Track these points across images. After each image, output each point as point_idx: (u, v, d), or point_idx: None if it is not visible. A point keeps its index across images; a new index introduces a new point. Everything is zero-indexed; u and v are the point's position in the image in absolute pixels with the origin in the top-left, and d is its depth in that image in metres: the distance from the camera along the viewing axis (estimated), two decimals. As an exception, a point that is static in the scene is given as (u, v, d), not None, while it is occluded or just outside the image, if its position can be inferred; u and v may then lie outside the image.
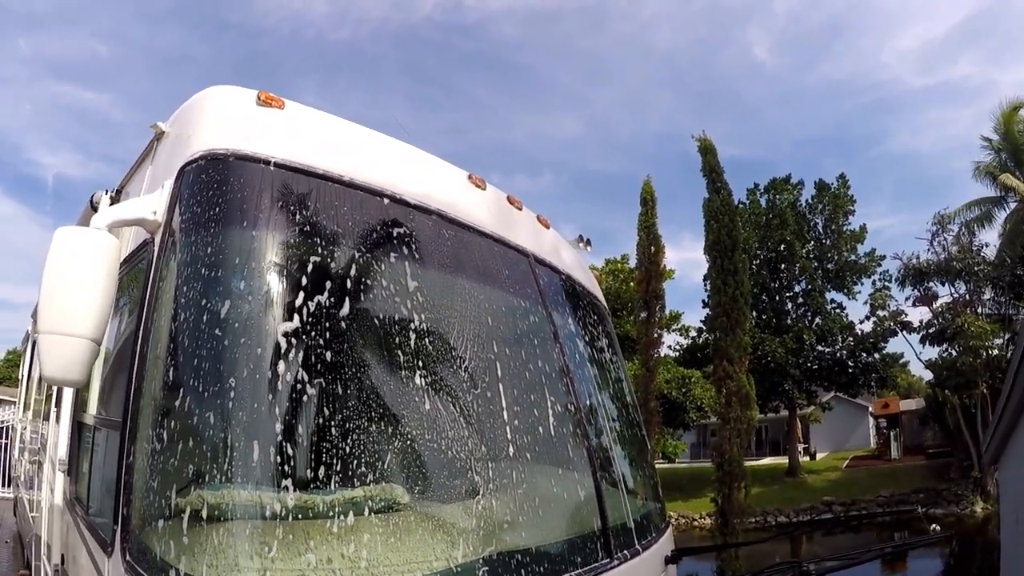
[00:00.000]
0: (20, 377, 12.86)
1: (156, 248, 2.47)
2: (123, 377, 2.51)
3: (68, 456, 3.67)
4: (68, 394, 3.86)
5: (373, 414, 2.41)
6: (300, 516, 2.06)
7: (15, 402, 18.23)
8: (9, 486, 17.87)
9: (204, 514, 1.98)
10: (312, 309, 2.32)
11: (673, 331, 46.84)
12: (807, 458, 45.26)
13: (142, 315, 2.41)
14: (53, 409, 4.96)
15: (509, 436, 2.86)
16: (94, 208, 3.34)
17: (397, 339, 2.59)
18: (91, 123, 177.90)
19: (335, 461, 2.22)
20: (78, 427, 3.66)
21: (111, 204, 3.24)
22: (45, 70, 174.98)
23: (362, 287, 2.54)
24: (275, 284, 2.31)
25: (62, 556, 3.48)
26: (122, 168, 3.41)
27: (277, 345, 2.19)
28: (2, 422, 20.14)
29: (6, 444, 19.14)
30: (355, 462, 2.26)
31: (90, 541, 2.74)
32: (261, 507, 2.01)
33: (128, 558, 2.08)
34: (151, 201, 2.54)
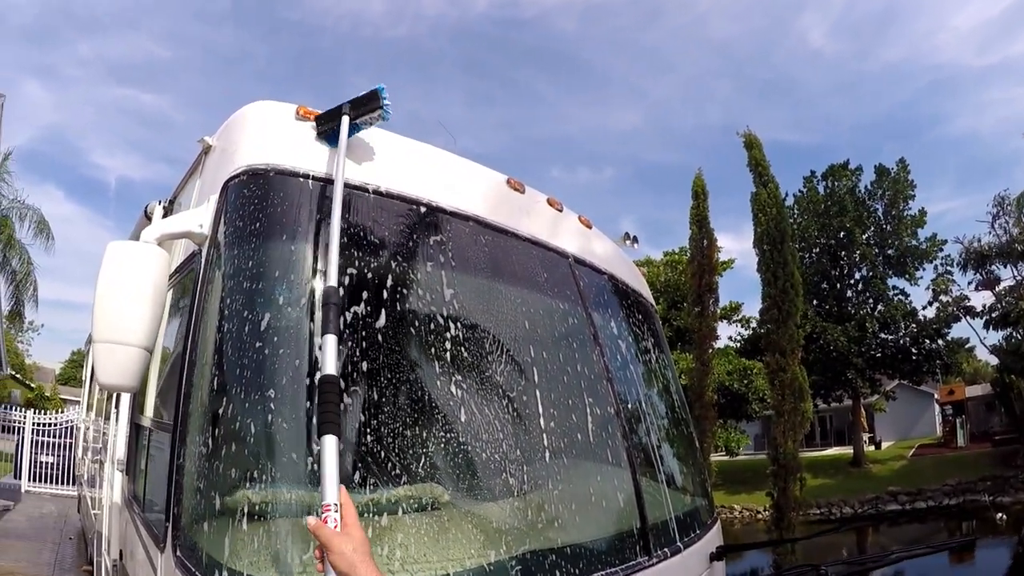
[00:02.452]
0: (83, 378, 13.18)
1: (203, 260, 2.57)
2: (174, 382, 2.60)
3: (126, 456, 3.80)
4: (125, 397, 3.99)
5: (415, 417, 2.49)
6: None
7: (79, 402, 18.71)
8: (73, 484, 18.40)
9: (249, 513, 2.07)
10: (352, 317, 2.39)
11: (734, 322, 46.35)
12: (872, 448, 44.41)
13: (190, 323, 2.50)
14: (113, 411, 5.13)
15: (548, 437, 2.89)
16: (148, 218, 3.44)
17: (437, 345, 2.65)
18: (152, 125, 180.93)
19: (377, 462, 2.29)
20: (135, 428, 3.78)
21: (164, 214, 3.37)
22: (106, 73, 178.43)
23: (401, 294, 2.60)
24: (316, 294, 2.37)
25: (120, 552, 3.60)
26: (183, 170, 3.56)
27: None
28: (67, 422, 20.78)
29: (70, 443, 19.72)
30: (397, 463, 2.33)
31: (145, 537, 2.84)
32: (304, 507, 2.08)
33: (179, 554, 2.16)
34: (198, 215, 2.64)
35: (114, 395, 5.16)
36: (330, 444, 1.78)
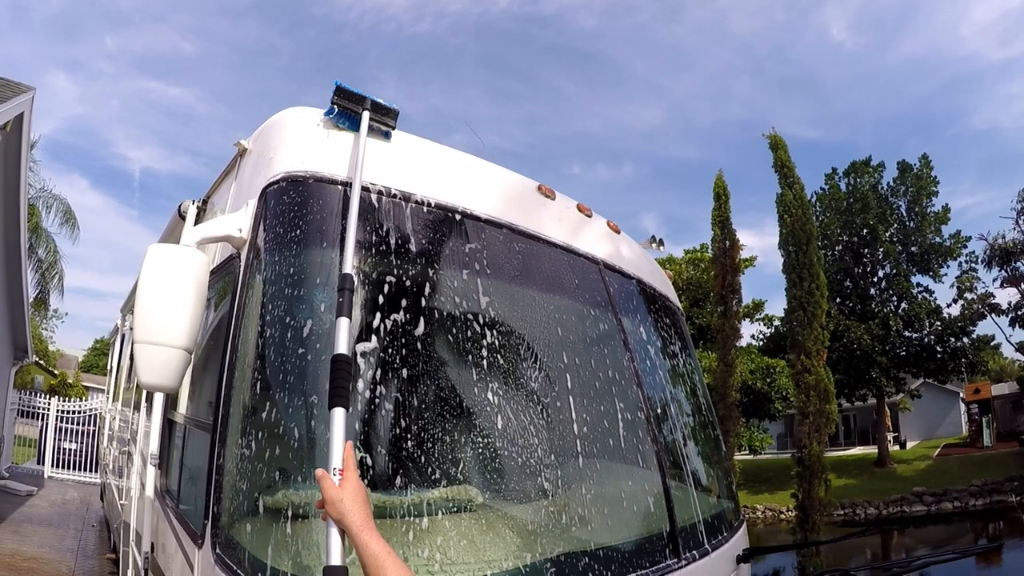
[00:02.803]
0: (109, 368, 13.26)
1: (242, 263, 2.62)
2: (211, 382, 2.66)
3: (159, 451, 3.83)
4: (159, 393, 4.03)
5: (449, 420, 2.53)
6: (381, 516, 2.16)
7: (102, 390, 18.88)
8: (96, 471, 18.72)
9: (288, 513, 2.11)
10: (389, 322, 2.44)
11: (757, 320, 46.11)
12: (897, 447, 43.98)
13: (230, 325, 2.55)
14: (143, 404, 5.20)
15: (579, 440, 2.94)
16: (181, 216, 3.56)
17: (471, 350, 2.69)
18: (176, 117, 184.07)
19: (414, 464, 2.34)
20: (168, 424, 3.83)
21: (197, 213, 3.47)
22: (132, 66, 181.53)
23: (436, 301, 2.65)
24: (359, 300, 2.41)
25: (152, 544, 3.64)
26: (206, 162, 3.65)
27: (356, 356, 2.31)
28: (91, 410, 21.10)
29: (93, 431, 20.12)
30: (433, 465, 2.38)
31: (180, 532, 2.88)
32: None
33: (217, 550, 2.21)
34: (236, 219, 2.68)
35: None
36: (338, 416, 1.85)
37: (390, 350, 2.42)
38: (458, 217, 2.90)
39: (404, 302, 2.51)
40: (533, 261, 3.22)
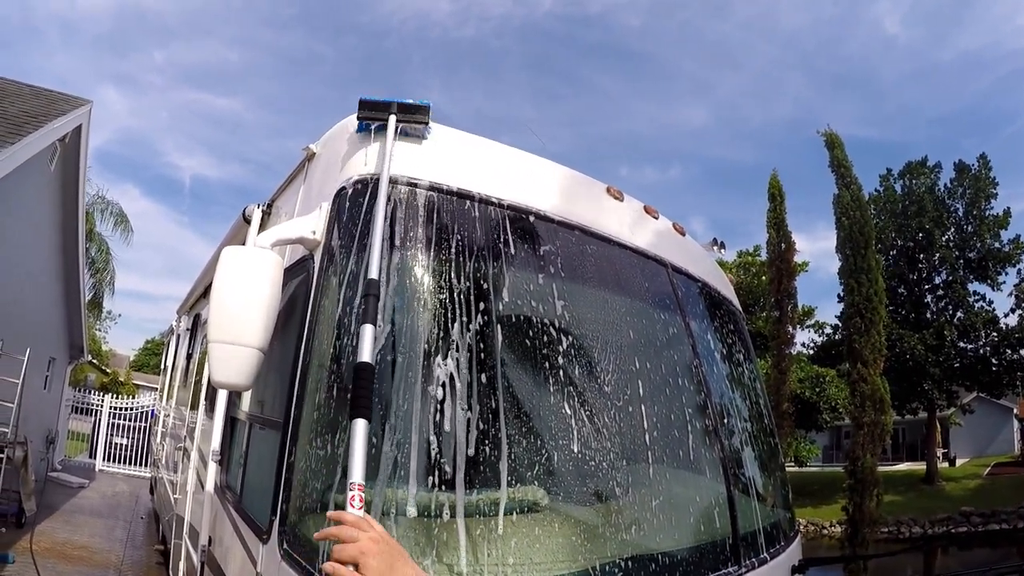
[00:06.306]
0: (163, 367, 13.53)
1: (316, 265, 2.67)
2: (282, 380, 2.69)
3: (220, 447, 3.87)
4: (222, 391, 4.07)
5: (519, 420, 2.52)
6: (449, 515, 2.19)
7: (152, 388, 19.23)
8: (145, 466, 19.39)
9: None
10: (462, 323, 2.46)
11: (807, 327, 45.33)
12: (946, 464, 42.91)
13: (303, 326, 2.59)
14: (203, 402, 5.31)
15: (647, 444, 2.93)
16: (247, 220, 3.63)
17: (543, 351, 2.70)
18: (224, 126, 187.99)
19: (481, 464, 2.34)
20: (230, 422, 3.88)
21: (262, 217, 3.55)
22: (180, 78, 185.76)
23: (510, 302, 2.66)
24: (429, 300, 2.46)
25: (209, 538, 3.69)
26: (254, 168, 3.61)
27: (429, 357, 2.35)
28: (143, 407, 21.73)
29: (143, 427, 20.92)
30: (500, 465, 2.38)
31: (243, 527, 2.91)
32: (413, 506, 2.16)
33: (284, 546, 2.26)
34: (309, 221, 2.72)
35: (205, 387, 5.33)
36: (360, 427, 1.79)
37: (461, 353, 2.43)
38: (532, 219, 2.92)
39: (477, 304, 2.53)
40: (604, 263, 3.24)
